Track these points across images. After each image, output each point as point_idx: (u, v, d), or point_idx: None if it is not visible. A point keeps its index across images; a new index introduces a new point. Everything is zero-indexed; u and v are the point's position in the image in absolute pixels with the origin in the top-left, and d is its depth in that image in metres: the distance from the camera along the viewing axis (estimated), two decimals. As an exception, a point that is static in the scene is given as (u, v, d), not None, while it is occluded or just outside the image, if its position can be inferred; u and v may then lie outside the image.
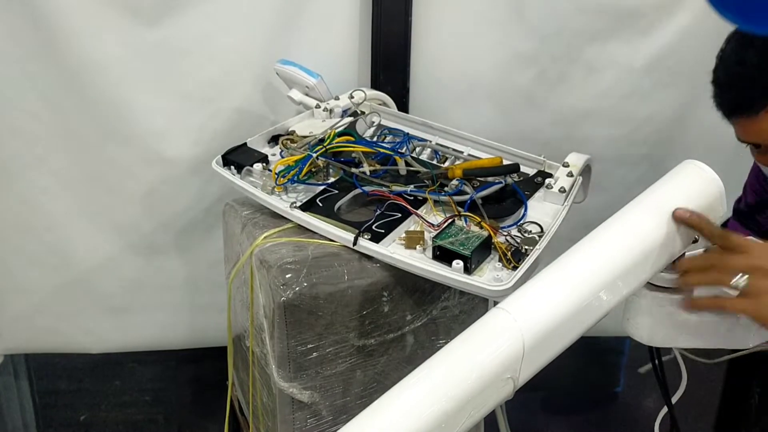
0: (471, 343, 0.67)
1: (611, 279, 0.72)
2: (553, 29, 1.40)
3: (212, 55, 1.33)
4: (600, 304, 0.72)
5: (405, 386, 0.64)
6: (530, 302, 0.69)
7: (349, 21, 1.38)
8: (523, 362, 0.66)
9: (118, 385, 1.90)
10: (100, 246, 1.46)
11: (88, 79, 1.30)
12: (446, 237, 0.98)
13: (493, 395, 0.66)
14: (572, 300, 0.69)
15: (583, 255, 0.74)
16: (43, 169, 1.38)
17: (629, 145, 1.51)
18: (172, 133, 1.37)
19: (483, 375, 0.64)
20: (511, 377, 0.66)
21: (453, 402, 0.62)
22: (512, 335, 0.66)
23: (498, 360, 0.65)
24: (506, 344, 0.66)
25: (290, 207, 1.09)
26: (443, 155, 1.24)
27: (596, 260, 0.73)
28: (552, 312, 0.68)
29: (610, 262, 0.73)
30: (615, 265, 0.73)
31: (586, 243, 0.75)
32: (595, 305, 0.71)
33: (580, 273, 0.72)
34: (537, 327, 0.67)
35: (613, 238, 0.75)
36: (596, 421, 1.94)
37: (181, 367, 1.91)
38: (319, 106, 1.29)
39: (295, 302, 0.99)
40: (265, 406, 1.17)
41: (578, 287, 0.70)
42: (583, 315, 0.70)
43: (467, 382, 0.63)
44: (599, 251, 0.74)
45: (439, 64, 1.43)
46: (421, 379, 0.64)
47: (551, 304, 0.69)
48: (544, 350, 0.68)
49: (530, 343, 0.66)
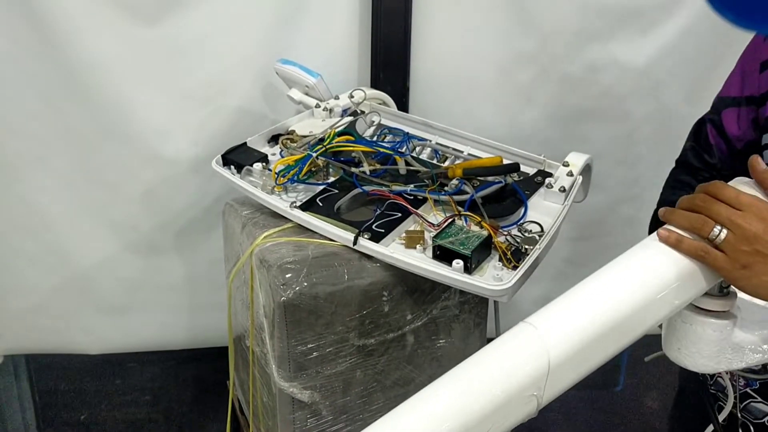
0: (495, 356, 0.64)
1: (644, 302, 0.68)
2: (553, 29, 1.40)
3: (212, 54, 1.33)
4: (634, 326, 0.68)
5: (424, 396, 0.62)
6: (559, 318, 0.66)
7: (349, 20, 1.38)
8: (548, 380, 0.64)
9: (118, 385, 1.90)
10: (99, 246, 1.46)
11: (88, 78, 1.30)
12: (446, 236, 0.98)
13: (515, 412, 0.63)
14: (603, 319, 0.66)
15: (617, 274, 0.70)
16: (42, 168, 1.38)
17: (629, 144, 1.51)
18: (172, 132, 1.37)
19: (505, 390, 0.62)
20: (535, 395, 0.64)
21: (472, 416, 0.60)
22: (537, 351, 0.64)
23: (521, 376, 0.63)
24: (531, 360, 0.63)
25: (290, 206, 1.09)
26: (443, 155, 1.24)
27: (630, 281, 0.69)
28: (581, 330, 0.65)
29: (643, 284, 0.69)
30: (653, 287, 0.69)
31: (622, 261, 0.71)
32: (628, 326, 0.68)
33: (613, 291, 0.68)
34: (564, 344, 0.64)
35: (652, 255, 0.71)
36: (596, 421, 1.94)
37: (181, 367, 1.91)
38: (319, 106, 1.29)
39: (295, 302, 0.99)
40: (266, 405, 1.17)
41: (611, 306, 0.67)
42: (614, 335, 0.67)
43: (490, 396, 0.61)
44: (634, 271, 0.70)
45: (439, 64, 1.43)
46: (441, 390, 0.62)
47: (581, 321, 0.66)
48: (571, 369, 0.65)
49: (556, 360, 0.64)
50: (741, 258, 0.68)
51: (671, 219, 0.73)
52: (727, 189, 0.71)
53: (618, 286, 0.69)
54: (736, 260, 0.68)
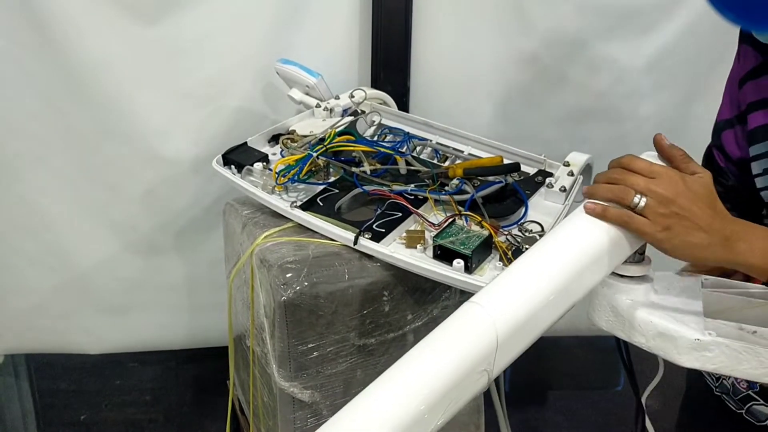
0: (445, 337, 0.68)
1: (579, 269, 0.73)
2: (553, 29, 1.40)
3: (212, 54, 1.33)
4: (569, 295, 0.73)
5: (380, 383, 0.65)
6: (502, 295, 0.71)
7: (349, 20, 1.38)
8: (497, 354, 0.67)
9: (118, 384, 1.90)
10: (99, 246, 1.46)
11: (88, 78, 1.30)
12: (447, 236, 0.98)
13: (469, 388, 0.66)
14: (543, 291, 0.71)
15: (552, 246, 0.75)
16: (42, 168, 1.38)
17: (629, 144, 1.51)
18: (172, 132, 1.37)
19: (458, 369, 0.65)
20: (485, 369, 0.67)
21: (430, 396, 0.63)
22: (486, 328, 0.67)
23: (473, 353, 0.66)
24: (480, 337, 0.67)
25: (291, 206, 1.09)
26: (444, 154, 1.24)
27: (565, 251, 0.74)
28: (524, 304, 0.69)
29: (578, 252, 0.74)
30: (586, 254, 0.74)
31: (557, 232, 0.77)
32: (564, 296, 0.73)
33: (549, 264, 0.73)
34: (510, 319, 0.68)
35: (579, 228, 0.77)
36: (596, 421, 1.95)
37: (181, 367, 1.91)
38: (320, 106, 1.29)
39: (296, 301, 0.99)
40: (266, 405, 1.17)
41: (548, 278, 0.72)
42: (552, 306, 0.72)
43: (443, 376, 0.64)
44: (567, 242, 0.75)
45: (440, 64, 1.43)
46: (397, 376, 0.65)
47: (523, 295, 0.70)
48: (517, 342, 0.69)
49: (504, 335, 0.67)
50: (661, 221, 0.74)
51: (595, 193, 0.79)
52: (639, 161, 0.78)
53: (555, 257, 0.74)
54: (657, 223, 0.74)
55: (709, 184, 0.77)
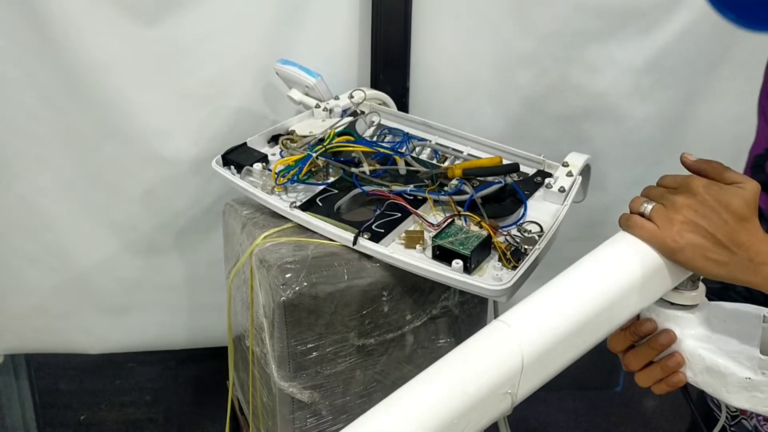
0: (469, 355, 0.65)
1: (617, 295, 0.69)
2: (553, 29, 1.40)
3: (212, 54, 1.33)
4: (605, 323, 0.69)
5: (398, 397, 0.62)
6: (532, 316, 0.67)
7: (349, 20, 1.38)
8: (522, 377, 0.64)
9: (118, 384, 1.91)
10: (99, 246, 1.46)
11: (88, 78, 1.30)
12: (446, 236, 0.98)
13: (490, 410, 0.64)
14: (576, 316, 0.67)
15: (591, 268, 0.71)
16: (42, 168, 1.38)
17: (629, 144, 1.51)
18: (172, 132, 1.37)
19: (480, 388, 0.62)
20: (509, 392, 0.64)
21: (448, 415, 0.60)
22: (511, 349, 0.64)
23: (496, 374, 0.63)
24: (504, 358, 0.64)
25: (290, 207, 1.09)
26: (443, 155, 1.24)
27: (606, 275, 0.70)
28: (554, 327, 0.66)
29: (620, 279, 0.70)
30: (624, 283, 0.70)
31: (594, 256, 0.73)
32: (601, 322, 0.69)
33: (586, 287, 0.69)
34: (537, 342, 0.65)
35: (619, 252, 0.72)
36: (596, 421, 1.94)
37: (181, 367, 1.91)
38: (319, 106, 1.29)
39: (295, 302, 0.99)
40: (265, 405, 1.17)
41: (583, 302, 0.68)
42: (587, 331, 0.68)
43: (463, 394, 0.61)
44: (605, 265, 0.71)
45: (439, 64, 1.43)
46: (416, 390, 0.62)
47: (554, 318, 0.66)
48: (545, 366, 0.66)
49: (530, 358, 0.64)
50: (671, 227, 0.70)
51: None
52: (670, 175, 0.75)
53: (591, 281, 0.70)
54: (666, 230, 0.70)
55: (749, 196, 0.69)
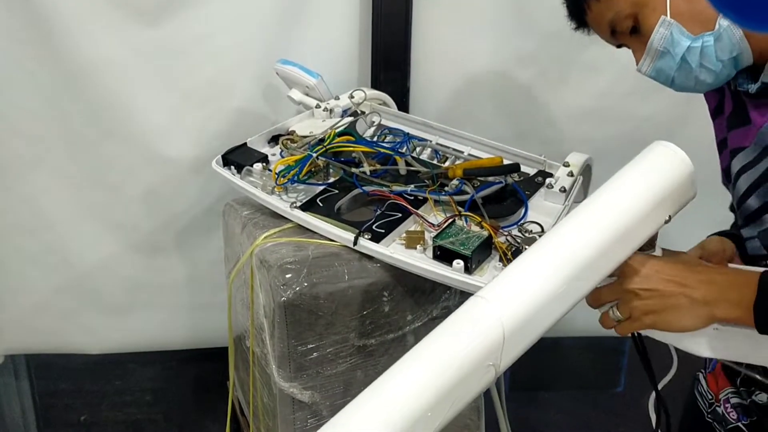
0: (452, 332, 0.68)
1: (587, 262, 0.73)
2: (553, 29, 1.39)
3: (212, 55, 1.33)
4: (577, 288, 0.73)
5: (388, 378, 0.64)
6: (508, 289, 0.70)
7: (349, 21, 1.38)
8: (503, 349, 0.67)
9: (118, 385, 1.90)
10: (100, 246, 1.46)
11: (89, 79, 1.30)
12: (447, 237, 0.98)
13: (476, 383, 0.66)
14: (550, 285, 0.70)
15: (559, 239, 0.75)
16: (43, 168, 1.38)
17: (629, 144, 1.49)
18: (173, 133, 1.37)
19: (465, 364, 0.65)
20: (492, 364, 0.66)
21: (437, 392, 0.63)
22: (492, 323, 0.67)
23: (479, 348, 0.66)
24: (486, 332, 0.66)
25: (290, 207, 1.09)
26: (443, 155, 1.24)
27: (573, 244, 0.74)
28: (530, 298, 0.69)
29: (586, 245, 0.73)
30: (590, 248, 0.73)
31: (561, 228, 0.76)
32: (572, 289, 0.72)
33: (556, 257, 0.72)
34: (516, 313, 0.68)
35: (588, 220, 0.76)
36: (596, 421, 1.94)
37: (182, 367, 1.91)
38: (320, 106, 1.29)
39: (296, 302, 0.99)
40: (266, 406, 1.17)
41: (555, 272, 0.71)
42: (560, 299, 0.71)
43: (450, 371, 0.64)
44: (575, 235, 0.75)
45: (440, 64, 1.43)
46: (404, 371, 0.65)
47: (529, 289, 0.70)
48: (524, 336, 0.69)
49: (510, 329, 0.67)
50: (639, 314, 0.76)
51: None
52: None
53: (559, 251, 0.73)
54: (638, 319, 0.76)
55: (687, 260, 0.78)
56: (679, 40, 0.83)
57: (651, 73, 0.89)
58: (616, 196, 0.78)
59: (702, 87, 0.87)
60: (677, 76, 0.87)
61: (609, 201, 0.78)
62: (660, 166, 0.82)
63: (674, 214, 0.82)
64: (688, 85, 0.87)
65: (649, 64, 0.88)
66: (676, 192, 0.80)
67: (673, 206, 0.81)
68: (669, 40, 0.84)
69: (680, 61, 0.84)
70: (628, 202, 0.77)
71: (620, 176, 0.81)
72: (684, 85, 0.87)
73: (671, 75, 0.87)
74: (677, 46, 0.83)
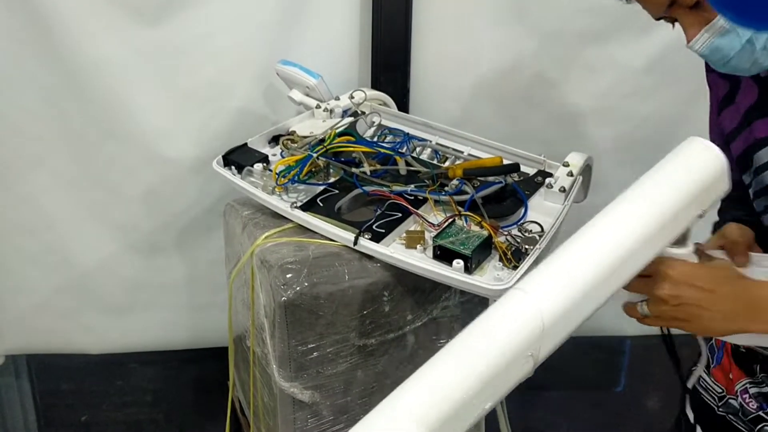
0: (492, 323, 0.69)
1: (623, 257, 0.75)
2: (554, 29, 1.40)
3: (213, 55, 1.33)
4: (612, 282, 0.75)
5: (431, 367, 0.66)
6: (547, 281, 0.72)
7: (349, 21, 1.38)
8: (542, 340, 0.69)
9: (119, 385, 1.90)
10: (100, 246, 1.46)
11: (89, 79, 1.30)
12: (447, 236, 0.99)
13: (515, 372, 0.68)
14: (587, 278, 0.72)
15: (596, 233, 0.77)
16: (43, 168, 1.38)
17: (629, 144, 1.51)
18: (173, 133, 1.37)
19: (505, 353, 0.67)
20: (531, 355, 0.68)
21: (478, 381, 0.65)
22: (532, 314, 0.69)
23: (519, 338, 0.67)
24: (525, 324, 0.68)
25: (291, 207, 1.09)
26: (443, 155, 1.24)
27: (609, 239, 0.76)
28: (568, 291, 0.71)
29: (622, 240, 0.75)
30: (626, 243, 0.75)
31: (597, 221, 0.78)
32: (608, 283, 0.74)
33: (593, 252, 0.75)
34: (555, 306, 0.70)
35: (624, 215, 0.78)
36: (596, 421, 1.94)
37: (182, 367, 1.91)
38: (320, 107, 1.29)
39: (296, 302, 0.99)
40: (266, 405, 1.17)
41: (592, 266, 0.73)
42: (596, 292, 0.73)
43: (492, 361, 0.66)
44: (611, 229, 0.77)
45: (439, 64, 1.43)
46: (446, 361, 0.67)
47: (567, 283, 0.72)
48: (562, 328, 0.71)
49: (549, 320, 0.69)
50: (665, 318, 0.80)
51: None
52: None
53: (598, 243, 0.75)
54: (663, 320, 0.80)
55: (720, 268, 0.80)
56: None
57: (705, 50, 0.85)
58: (651, 191, 0.80)
59: (755, 69, 0.84)
60: (735, 57, 0.83)
61: (645, 196, 0.80)
62: (694, 162, 0.83)
63: (708, 208, 0.83)
64: (742, 66, 0.84)
65: (706, 40, 0.84)
66: (710, 187, 0.82)
67: (706, 201, 0.82)
68: None
69: (746, 42, 0.81)
70: (663, 197, 0.79)
71: (655, 172, 0.83)
72: (738, 66, 0.84)
73: (729, 55, 0.83)
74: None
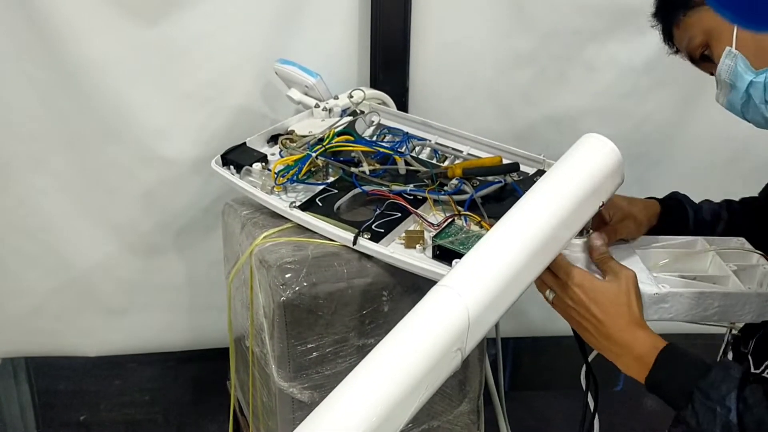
0: (420, 322, 0.71)
1: (537, 248, 0.79)
2: (553, 28, 1.40)
3: (211, 54, 1.33)
4: (529, 273, 0.79)
5: (360, 371, 0.68)
6: (470, 276, 0.75)
7: (348, 20, 1.38)
8: (468, 333, 0.71)
9: (117, 385, 1.90)
10: (98, 247, 1.46)
11: (87, 78, 1.30)
12: (446, 236, 0.98)
13: (445, 368, 0.70)
14: (506, 271, 0.76)
15: (510, 229, 0.81)
16: (41, 169, 1.38)
17: (628, 144, 1.49)
18: (172, 132, 1.37)
19: (435, 351, 0.68)
20: (459, 349, 0.70)
21: (409, 380, 0.66)
22: (458, 310, 0.71)
23: (446, 335, 0.69)
24: (453, 319, 0.70)
25: (290, 206, 1.09)
26: (443, 154, 1.24)
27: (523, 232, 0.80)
28: (490, 283, 0.74)
29: (535, 232, 0.80)
30: (539, 235, 0.80)
31: (510, 218, 0.82)
32: (525, 274, 0.78)
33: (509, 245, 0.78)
34: (479, 299, 0.72)
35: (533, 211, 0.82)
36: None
37: (181, 367, 1.91)
38: (319, 106, 1.29)
39: (295, 302, 0.99)
40: (266, 406, 1.16)
41: (510, 258, 0.77)
42: (515, 283, 0.76)
43: (421, 360, 0.67)
44: (524, 224, 0.81)
45: (439, 64, 1.43)
46: (376, 363, 0.68)
47: (488, 276, 0.74)
48: (486, 320, 0.73)
49: (474, 314, 0.71)
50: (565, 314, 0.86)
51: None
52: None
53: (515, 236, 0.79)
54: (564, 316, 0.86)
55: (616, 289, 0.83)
56: (742, 73, 0.80)
57: (726, 105, 0.85)
58: (557, 186, 0.85)
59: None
60: (746, 111, 0.83)
61: (552, 191, 0.84)
62: (593, 157, 0.89)
63: (606, 201, 0.89)
64: (758, 120, 0.83)
65: (721, 96, 0.85)
66: (608, 180, 0.88)
67: (606, 193, 0.89)
68: (734, 72, 0.81)
69: (744, 94, 0.81)
70: (568, 190, 0.84)
71: (558, 168, 0.88)
72: (756, 121, 0.83)
73: (740, 109, 0.83)
74: (740, 79, 0.80)
